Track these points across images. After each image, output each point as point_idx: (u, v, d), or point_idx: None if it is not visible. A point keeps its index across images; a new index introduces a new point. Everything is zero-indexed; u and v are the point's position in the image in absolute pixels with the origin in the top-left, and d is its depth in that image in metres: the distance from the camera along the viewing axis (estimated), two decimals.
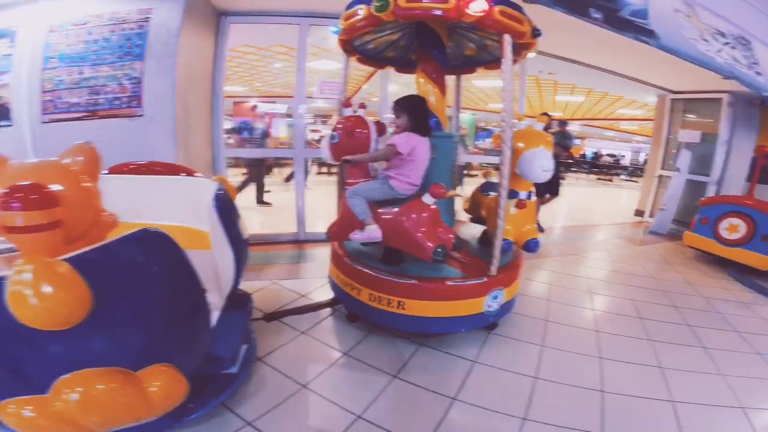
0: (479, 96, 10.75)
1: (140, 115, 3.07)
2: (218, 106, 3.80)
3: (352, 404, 1.79)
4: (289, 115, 8.70)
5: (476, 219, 2.95)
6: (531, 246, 2.53)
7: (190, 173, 2.62)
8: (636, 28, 2.40)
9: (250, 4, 3.62)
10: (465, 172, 7.27)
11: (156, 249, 1.30)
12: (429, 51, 2.57)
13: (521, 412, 1.83)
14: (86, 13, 3.12)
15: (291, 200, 6.13)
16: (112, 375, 1.18)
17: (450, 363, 2.19)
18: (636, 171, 17.92)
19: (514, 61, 2.51)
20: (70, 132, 3.12)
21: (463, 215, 3.21)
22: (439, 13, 1.98)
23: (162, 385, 1.26)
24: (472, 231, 3.04)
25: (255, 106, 6.07)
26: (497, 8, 1.97)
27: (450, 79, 3.06)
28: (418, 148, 2.22)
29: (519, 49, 2.39)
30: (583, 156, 17.58)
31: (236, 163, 8.14)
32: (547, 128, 4.63)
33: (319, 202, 5.85)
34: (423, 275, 2.24)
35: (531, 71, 6.80)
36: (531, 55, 2.36)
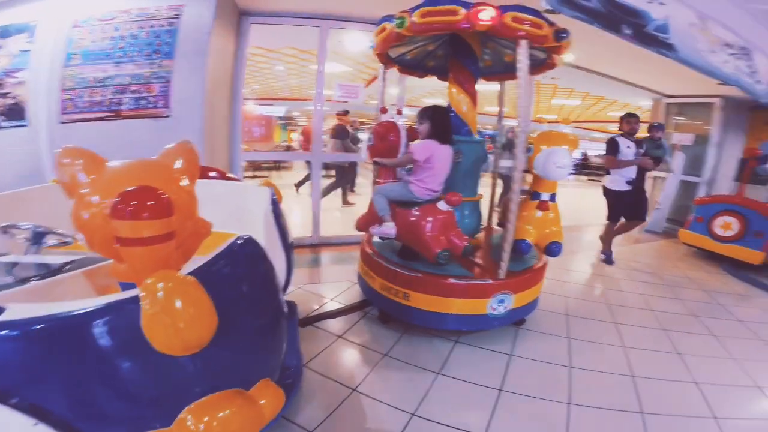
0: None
1: (167, 116, 3.01)
2: (237, 108, 3.77)
3: (404, 403, 1.85)
4: (289, 118, 8.67)
5: (502, 224, 3.05)
6: (553, 249, 2.51)
7: (222, 175, 2.62)
8: (658, 43, 2.55)
9: (271, 5, 3.60)
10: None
11: (254, 257, 1.25)
12: (461, 61, 2.64)
13: (565, 398, 1.96)
14: (113, 8, 3.02)
15: (298, 204, 6.15)
16: (232, 398, 1.10)
17: (488, 357, 2.29)
18: None
19: (551, 66, 2.60)
20: (91, 133, 3.04)
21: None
22: (464, 24, 2.00)
23: (268, 401, 1.19)
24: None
25: (347, 112, 6.15)
26: (509, 15, 1.97)
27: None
28: (435, 155, 2.31)
29: (549, 53, 2.46)
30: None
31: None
32: (631, 133, 3.91)
33: (328, 204, 5.85)
34: (429, 270, 2.30)
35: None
36: (567, 57, 2.46)
